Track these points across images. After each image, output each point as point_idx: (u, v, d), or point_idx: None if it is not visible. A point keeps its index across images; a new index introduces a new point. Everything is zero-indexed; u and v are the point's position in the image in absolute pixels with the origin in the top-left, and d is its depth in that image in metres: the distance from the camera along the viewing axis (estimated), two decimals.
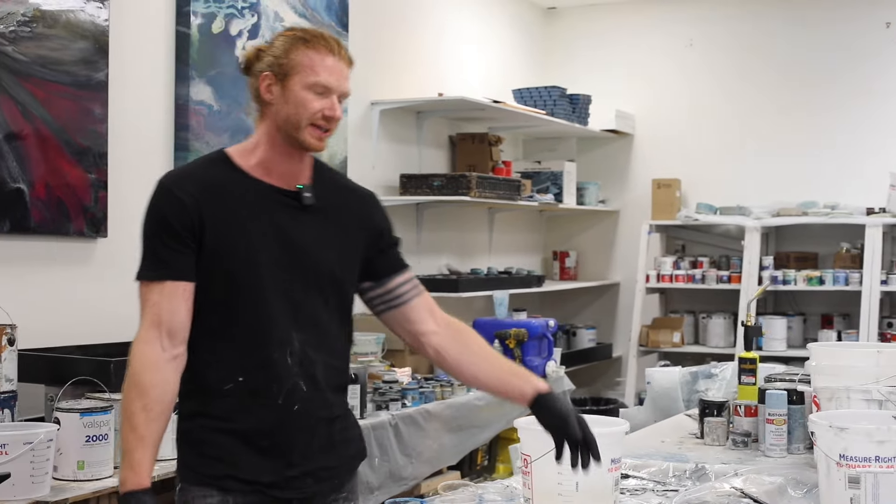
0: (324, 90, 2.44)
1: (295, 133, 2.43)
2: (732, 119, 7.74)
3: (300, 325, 2.46)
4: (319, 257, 2.50)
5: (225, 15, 4.88)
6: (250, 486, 2.43)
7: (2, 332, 3.48)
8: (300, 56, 2.43)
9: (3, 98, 3.85)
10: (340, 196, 2.60)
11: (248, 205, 2.45)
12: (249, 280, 2.42)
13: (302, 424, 2.46)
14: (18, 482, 3.00)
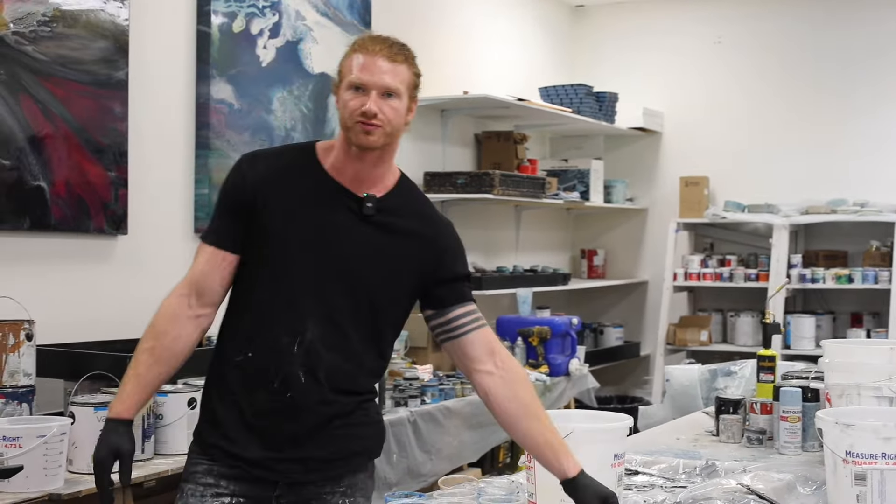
0: (360, 87, 2.48)
1: (347, 133, 2.50)
2: (761, 116, 7.69)
3: (318, 320, 2.50)
4: (362, 267, 2.53)
5: (246, 14, 4.91)
6: (233, 460, 2.50)
7: (20, 328, 3.52)
8: (345, 62, 2.53)
9: (24, 97, 3.90)
10: (412, 218, 2.62)
11: (311, 195, 2.54)
12: (281, 262, 2.51)
13: (292, 413, 2.50)
14: (32, 475, 3.03)
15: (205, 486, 2.51)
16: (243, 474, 2.51)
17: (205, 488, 2.51)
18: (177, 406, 3.65)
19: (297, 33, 5.21)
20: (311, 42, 5.30)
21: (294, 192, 2.53)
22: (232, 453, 2.50)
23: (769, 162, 7.63)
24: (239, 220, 2.52)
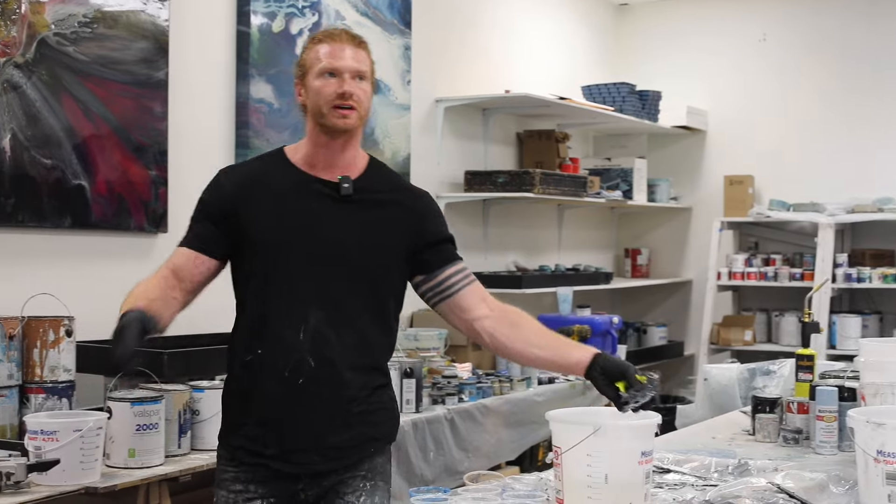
0: (332, 73, 2.62)
1: (322, 120, 2.63)
2: (806, 114, 7.62)
3: (320, 304, 2.60)
4: (351, 245, 2.65)
5: (285, 14, 4.95)
6: (255, 458, 2.59)
7: (60, 324, 3.58)
8: (309, 54, 2.67)
9: (66, 97, 3.96)
10: (389, 192, 2.75)
11: (287, 193, 2.66)
12: (272, 259, 2.62)
13: (306, 400, 2.58)
14: (69, 468, 3.08)
15: (236, 493, 2.61)
16: (268, 475, 2.59)
17: (236, 495, 2.61)
18: (213, 402, 3.67)
19: None
20: None
21: (271, 193, 2.65)
22: (253, 451, 2.59)
23: (814, 160, 7.56)
24: (218, 227, 2.64)
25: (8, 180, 3.76)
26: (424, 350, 5.15)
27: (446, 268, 2.75)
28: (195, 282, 2.66)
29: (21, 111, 3.80)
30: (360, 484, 2.65)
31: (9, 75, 3.76)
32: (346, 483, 2.63)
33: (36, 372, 3.54)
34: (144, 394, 3.46)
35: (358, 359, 2.63)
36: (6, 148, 3.75)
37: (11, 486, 2.96)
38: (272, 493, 2.60)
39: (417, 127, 5.95)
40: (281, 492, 2.61)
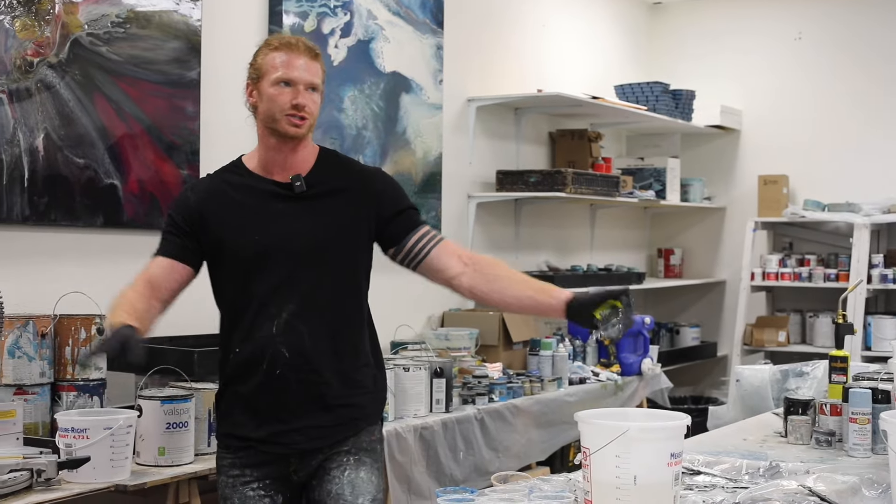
0: (287, 83, 2.80)
1: (274, 125, 2.81)
2: (841, 113, 7.55)
3: (291, 298, 2.80)
4: (309, 237, 2.82)
5: (317, 13, 4.96)
6: (245, 443, 2.82)
7: (91, 322, 3.60)
8: (265, 59, 2.84)
9: (98, 97, 3.99)
10: (342, 179, 2.92)
11: (246, 199, 2.85)
12: (242, 263, 2.82)
13: (284, 386, 2.78)
14: (99, 466, 3.10)
15: (234, 478, 2.83)
16: (259, 459, 2.81)
17: (234, 479, 2.83)
18: None
19: (368, 32, 5.25)
20: (382, 41, 5.33)
21: (232, 200, 2.84)
22: (242, 436, 2.82)
23: (850, 160, 7.49)
24: (188, 238, 2.85)
25: (41, 179, 3.79)
26: (455, 350, 5.15)
27: (412, 235, 2.91)
28: (170, 290, 2.88)
29: (54, 111, 3.83)
30: (345, 459, 2.84)
31: (42, 75, 3.79)
32: (332, 459, 2.83)
33: (67, 370, 3.57)
34: (174, 392, 3.47)
35: (332, 346, 2.83)
36: (39, 147, 3.78)
37: (42, 483, 2.98)
38: (267, 476, 2.82)
39: (449, 126, 5.94)
40: (275, 474, 2.82)
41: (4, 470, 2.90)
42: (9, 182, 3.69)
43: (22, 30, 3.72)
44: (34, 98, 3.76)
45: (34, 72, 3.77)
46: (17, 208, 3.72)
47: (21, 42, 3.72)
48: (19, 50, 3.72)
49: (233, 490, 2.82)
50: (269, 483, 2.82)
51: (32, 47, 3.76)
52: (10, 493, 2.89)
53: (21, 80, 3.72)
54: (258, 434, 2.80)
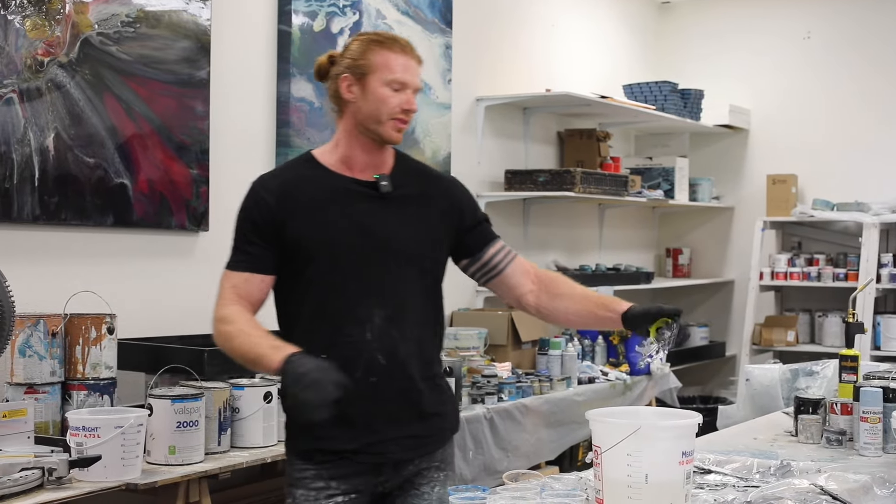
0: (400, 86, 2.66)
1: (376, 127, 2.66)
2: (850, 113, 7.54)
3: (383, 302, 2.65)
4: (399, 240, 2.69)
5: (326, 13, 4.96)
6: (337, 456, 2.61)
7: (101, 322, 3.60)
8: (376, 56, 2.66)
9: (108, 97, 3.99)
10: (422, 183, 2.79)
11: (329, 197, 2.67)
12: (328, 266, 2.63)
13: (380, 395, 2.62)
14: (110, 464, 3.10)
15: (317, 490, 2.61)
16: (350, 470, 2.62)
17: (317, 492, 2.61)
18: (253, 400, 3.70)
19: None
20: None
21: (311, 200, 2.66)
22: (333, 451, 2.61)
23: (859, 159, 7.47)
24: (269, 243, 2.63)
25: (51, 179, 3.80)
26: (464, 349, 5.15)
27: (488, 248, 2.85)
28: (261, 301, 2.67)
29: (65, 110, 3.83)
30: (434, 475, 2.72)
31: (53, 75, 3.79)
32: (422, 474, 2.70)
33: (78, 369, 3.56)
34: (185, 391, 3.47)
35: (421, 351, 2.70)
36: (50, 147, 3.78)
37: (54, 481, 2.99)
38: (355, 489, 2.63)
39: (458, 126, 5.94)
40: (362, 486, 2.64)
41: (16, 468, 2.91)
42: (19, 181, 3.69)
43: (32, 29, 3.73)
44: (45, 97, 3.77)
45: (44, 71, 3.77)
46: (27, 207, 3.73)
47: (32, 42, 3.73)
48: (30, 49, 3.72)
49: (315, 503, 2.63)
50: (355, 497, 2.63)
51: (43, 47, 3.76)
52: (22, 492, 2.89)
53: (32, 80, 3.73)
54: (351, 445, 2.61)
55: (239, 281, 2.63)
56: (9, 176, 3.66)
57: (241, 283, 2.63)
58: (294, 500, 2.63)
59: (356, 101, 2.66)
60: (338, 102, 2.72)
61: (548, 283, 2.87)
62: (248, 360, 2.54)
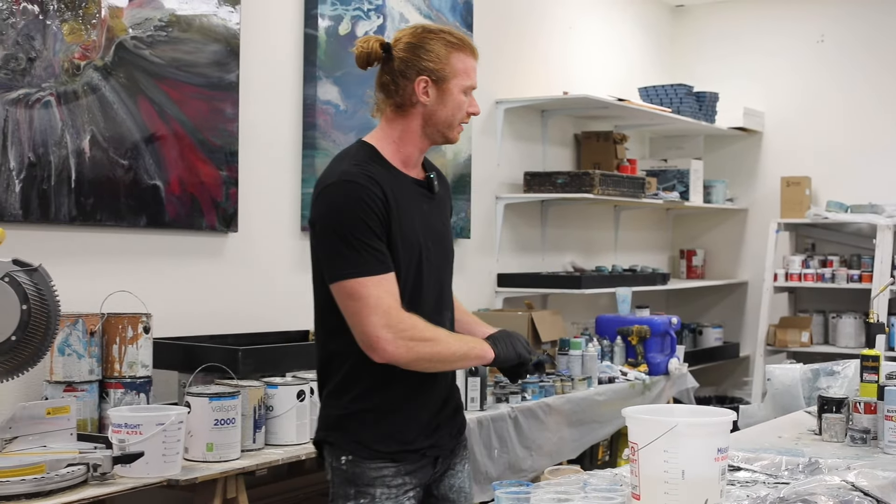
0: (469, 91, 2.70)
1: (447, 131, 2.69)
2: (864, 115, 7.59)
3: (446, 303, 2.77)
4: (448, 237, 2.81)
5: (351, 17, 5.02)
6: (418, 454, 2.71)
7: (138, 321, 3.66)
8: (458, 63, 2.66)
9: (142, 99, 4.05)
10: (442, 181, 2.86)
11: (405, 197, 2.65)
12: (413, 269, 2.66)
13: (442, 391, 2.77)
14: (152, 461, 3.16)
15: (397, 488, 2.67)
16: (421, 464, 2.73)
17: (397, 489, 2.67)
18: (287, 398, 3.77)
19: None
20: None
21: (399, 198, 2.62)
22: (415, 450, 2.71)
23: (872, 161, 7.53)
24: (382, 238, 2.56)
25: (87, 181, 3.86)
26: None
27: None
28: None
29: (100, 113, 3.90)
30: (462, 452, 2.90)
31: (89, 78, 3.86)
32: (455, 454, 2.86)
33: (115, 367, 3.63)
34: (222, 389, 3.54)
35: None
36: (86, 149, 3.85)
37: (98, 477, 3.05)
38: (420, 481, 2.73)
39: (478, 128, 6.00)
40: (424, 476, 2.75)
41: (62, 464, 2.97)
42: (57, 183, 3.76)
43: (70, 33, 3.79)
44: (81, 101, 3.83)
45: (81, 75, 3.84)
46: (64, 209, 3.79)
47: (69, 46, 3.79)
48: (67, 53, 3.79)
49: (396, 501, 2.67)
50: (420, 489, 2.73)
51: (79, 51, 3.83)
52: (68, 487, 2.96)
53: (69, 83, 3.79)
54: (427, 443, 2.73)
55: (390, 286, 2.55)
56: (47, 178, 3.72)
57: (392, 287, 2.55)
58: (373, 499, 2.65)
59: (431, 104, 2.64)
60: (402, 100, 2.65)
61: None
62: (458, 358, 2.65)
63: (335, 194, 2.55)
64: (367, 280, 2.50)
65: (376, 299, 2.50)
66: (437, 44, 2.66)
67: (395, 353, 2.52)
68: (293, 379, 3.86)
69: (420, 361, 2.58)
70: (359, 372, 2.64)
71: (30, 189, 3.68)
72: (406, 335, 2.52)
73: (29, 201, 3.68)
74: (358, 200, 2.53)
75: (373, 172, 2.60)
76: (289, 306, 4.69)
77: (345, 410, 2.68)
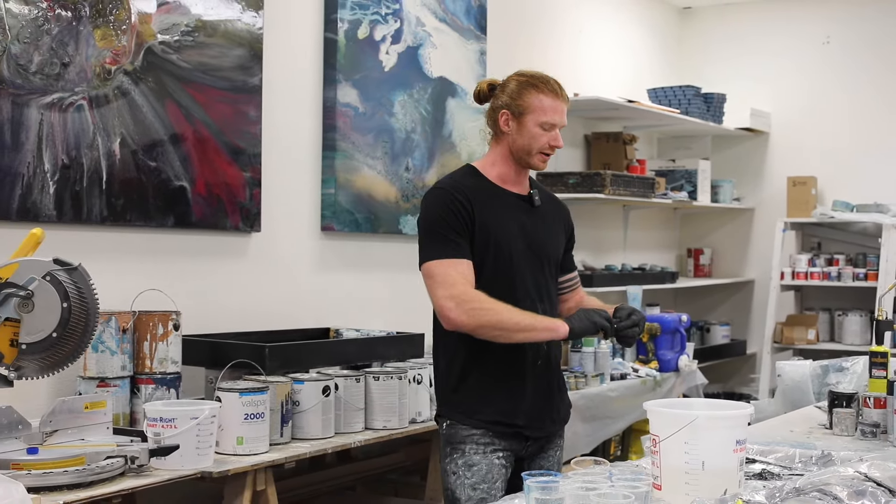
0: (550, 126, 3.21)
1: (527, 158, 3.23)
2: (869, 116, 7.69)
3: (541, 297, 3.23)
4: (549, 244, 3.32)
5: (370, 21, 5.12)
6: (511, 429, 3.22)
7: (168, 319, 3.77)
8: (532, 99, 3.21)
9: (169, 102, 4.16)
10: (551, 201, 3.44)
11: (499, 205, 3.22)
12: (504, 264, 3.18)
13: (539, 376, 3.27)
14: (186, 454, 3.25)
15: (484, 445, 3.21)
16: (516, 434, 3.24)
17: (484, 447, 3.21)
18: (312, 393, 3.86)
19: (417, 39, 5.41)
20: (430, 47, 5.49)
21: (488, 206, 3.17)
22: (508, 423, 3.22)
23: (878, 161, 7.63)
24: (465, 237, 3.13)
25: (118, 182, 3.96)
26: None
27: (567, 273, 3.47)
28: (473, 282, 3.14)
29: (130, 116, 4.00)
30: (558, 441, 3.43)
31: (119, 82, 3.96)
32: (551, 440, 3.38)
33: (146, 364, 3.73)
34: (251, 384, 3.63)
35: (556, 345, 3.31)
36: (116, 151, 3.95)
37: (135, 469, 3.14)
38: (510, 448, 3.24)
39: None
40: (515, 447, 3.25)
41: (101, 457, 3.07)
42: (89, 184, 3.86)
43: (101, 39, 3.89)
44: (112, 104, 3.94)
45: (112, 79, 3.94)
46: (96, 209, 3.90)
47: (100, 51, 3.90)
48: (98, 58, 3.89)
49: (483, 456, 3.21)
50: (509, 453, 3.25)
51: (110, 55, 3.93)
52: (107, 479, 3.05)
53: (100, 87, 3.90)
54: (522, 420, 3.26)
55: (466, 269, 3.10)
56: (79, 179, 3.83)
57: (467, 269, 3.10)
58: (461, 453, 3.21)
59: (511, 134, 3.21)
60: (495, 129, 3.27)
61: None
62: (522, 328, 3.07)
63: (427, 198, 3.21)
64: (440, 262, 3.09)
65: (443, 276, 3.07)
66: (515, 82, 3.25)
67: (458, 319, 3.04)
68: (318, 375, 3.97)
69: (484, 328, 3.05)
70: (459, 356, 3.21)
71: (63, 190, 3.78)
72: (468, 305, 3.03)
73: (62, 202, 3.78)
74: (441, 202, 3.15)
75: (462, 182, 3.20)
76: (310, 304, 4.80)
77: (448, 387, 3.26)
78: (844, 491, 2.74)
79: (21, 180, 3.66)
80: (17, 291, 2.92)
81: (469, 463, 3.20)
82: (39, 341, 2.95)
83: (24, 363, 2.96)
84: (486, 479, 3.19)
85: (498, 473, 3.21)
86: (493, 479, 3.20)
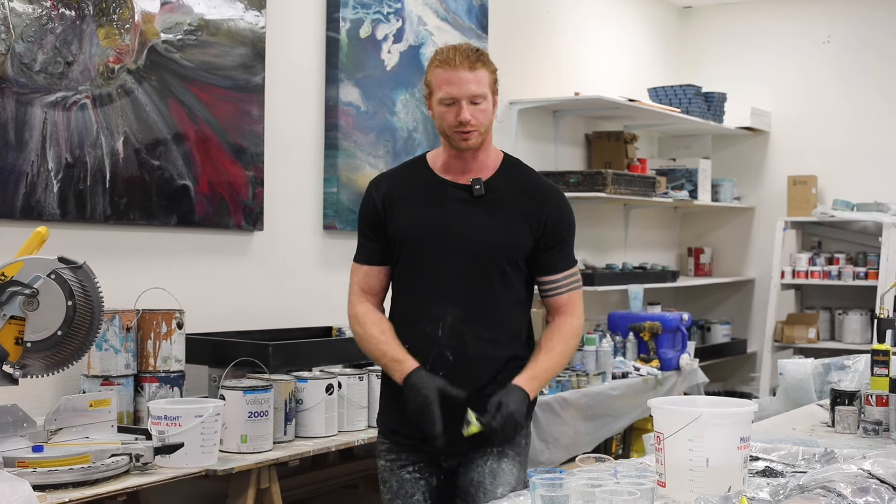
0: (451, 101, 2.88)
1: (447, 140, 2.96)
2: (870, 115, 7.69)
3: (456, 300, 2.90)
4: (483, 241, 2.92)
5: (372, 20, 5.13)
6: (406, 440, 2.99)
7: (171, 317, 3.77)
8: (430, 77, 2.95)
9: (172, 101, 4.16)
10: (517, 187, 3.01)
11: (427, 196, 2.99)
12: (413, 259, 2.97)
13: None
14: (190, 451, 3.26)
15: (391, 461, 3.03)
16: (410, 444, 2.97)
17: (392, 462, 3.03)
18: (316, 392, 3.87)
19: (418, 38, 5.42)
20: (431, 46, 5.49)
21: (413, 198, 2.99)
22: (405, 434, 2.98)
23: (878, 160, 7.63)
24: (378, 236, 3.01)
25: (121, 181, 3.97)
26: None
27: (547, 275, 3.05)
28: (383, 289, 3.07)
29: (133, 115, 4.01)
30: (484, 448, 2.96)
31: (123, 81, 3.97)
32: (477, 450, 2.97)
33: (150, 362, 3.74)
34: (255, 383, 3.64)
35: (492, 350, 2.93)
36: (119, 150, 3.96)
37: (139, 467, 3.15)
38: (420, 460, 3.01)
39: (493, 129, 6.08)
40: (427, 459, 3.00)
41: (106, 454, 3.07)
42: (92, 183, 3.87)
43: (105, 38, 3.90)
44: (115, 103, 3.94)
45: (115, 78, 3.94)
46: (99, 208, 3.90)
47: (104, 50, 3.90)
48: (102, 57, 3.90)
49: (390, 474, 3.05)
50: (422, 466, 3.03)
51: (114, 54, 3.94)
52: (112, 476, 3.06)
53: (104, 86, 3.90)
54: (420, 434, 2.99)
55: (363, 277, 3.04)
56: (83, 178, 3.83)
57: (364, 278, 3.04)
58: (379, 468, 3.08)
59: (433, 117, 2.99)
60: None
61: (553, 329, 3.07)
62: (377, 363, 2.99)
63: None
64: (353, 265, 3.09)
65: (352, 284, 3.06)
66: (428, 65, 2.98)
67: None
68: (321, 373, 3.97)
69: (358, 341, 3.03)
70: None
71: (67, 189, 3.79)
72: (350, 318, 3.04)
73: (66, 201, 3.79)
74: (363, 199, 3.11)
75: (393, 175, 3.11)
76: (313, 302, 4.80)
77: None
78: (848, 488, 2.75)
79: (25, 179, 3.66)
80: (22, 290, 2.93)
81: (382, 478, 3.07)
82: (44, 339, 2.96)
83: (29, 361, 2.97)
84: (400, 494, 3.02)
85: (413, 487, 3.02)
86: (408, 493, 3.01)
